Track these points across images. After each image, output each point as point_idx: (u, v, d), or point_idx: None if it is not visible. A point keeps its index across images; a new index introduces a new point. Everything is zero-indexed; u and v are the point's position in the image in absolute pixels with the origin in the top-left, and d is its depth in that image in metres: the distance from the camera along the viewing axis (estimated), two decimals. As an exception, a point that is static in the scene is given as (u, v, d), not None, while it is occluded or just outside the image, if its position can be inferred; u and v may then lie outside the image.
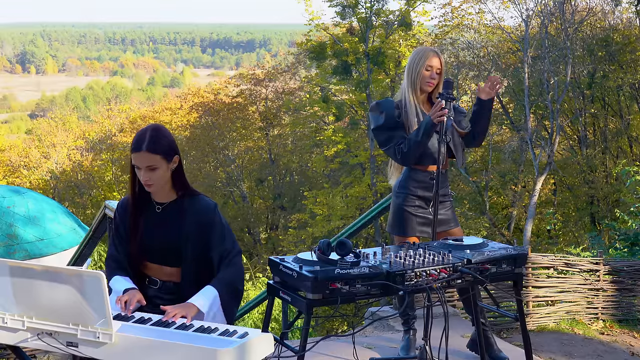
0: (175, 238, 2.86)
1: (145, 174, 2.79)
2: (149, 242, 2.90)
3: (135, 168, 2.83)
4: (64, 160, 30.42)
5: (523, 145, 19.55)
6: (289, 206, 25.83)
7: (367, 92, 21.47)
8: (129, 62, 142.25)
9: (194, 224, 2.86)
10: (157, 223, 2.90)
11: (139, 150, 2.78)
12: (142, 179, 2.81)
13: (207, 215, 2.87)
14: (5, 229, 10.94)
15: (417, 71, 3.73)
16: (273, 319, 9.24)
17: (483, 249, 3.14)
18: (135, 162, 2.80)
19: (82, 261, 6.93)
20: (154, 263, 2.92)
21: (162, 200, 2.91)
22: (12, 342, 2.38)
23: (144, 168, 2.79)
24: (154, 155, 2.78)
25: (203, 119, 27.53)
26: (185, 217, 2.87)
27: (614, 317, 5.99)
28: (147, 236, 2.90)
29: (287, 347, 2.88)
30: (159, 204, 2.92)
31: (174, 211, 2.89)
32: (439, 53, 3.81)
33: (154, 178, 2.80)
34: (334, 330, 12.62)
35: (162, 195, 2.91)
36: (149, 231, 2.90)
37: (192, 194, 2.93)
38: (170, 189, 2.90)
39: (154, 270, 2.93)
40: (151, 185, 2.81)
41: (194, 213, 2.87)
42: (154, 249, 2.90)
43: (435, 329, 3.18)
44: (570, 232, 20.56)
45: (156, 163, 2.78)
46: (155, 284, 2.92)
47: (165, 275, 2.91)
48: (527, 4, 19.48)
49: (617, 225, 9.85)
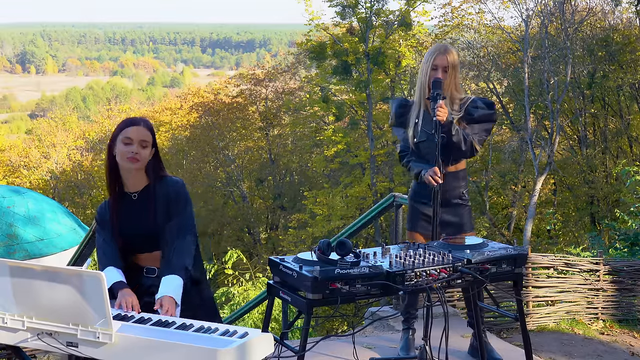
0: (152, 223, 2.93)
1: (137, 148, 2.88)
2: (132, 232, 2.96)
3: (122, 144, 2.89)
4: (64, 160, 30.42)
5: (523, 145, 19.55)
6: (289, 206, 25.84)
7: (367, 92, 21.46)
8: (129, 62, 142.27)
9: (165, 204, 2.95)
10: (135, 212, 2.97)
11: (136, 124, 2.91)
12: (130, 153, 2.87)
13: (174, 190, 2.97)
14: (5, 229, 10.94)
15: (425, 71, 3.74)
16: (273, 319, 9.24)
17: (483, 249, 3.14)
18: (129, 134, 2.88)
19: (82, 261, 6.93)
20: (143, 252, 2.98)
21: (136, 189, 2.99)
22: (12, 342, 2.38)
23: (137, 142, 2.89)
24: (148, 132, 2.92)
25: (203, 119, 27.52)
26: (157, 200, 2.95)
27: (614, 317, 5.99)
28: (128, 227, 2.97)
29: (287, 347, 2.88)
30: (133, 192, 2.99)
31: (148, 197, 2.97)
32: (449, 50, 3.75)
33: (143, 155, 2.90)
34: (334, 330, 12.62)
35: (135, 183, 2.98)
36: (128, 222, 2.97)
37: (161, 177, 3.01)
38: (143, 175, 2.98)
39: (147, 260, 2.99)
40: (138, 161, 2.89)
41: (164, 194, 2.96)
42: (138, 238, 2.96)
43: (435, 329, 3.18)
44: (570, 232, 20.56)
45: (148, 141, 2.91)
46: (152, 272, 2.97)
47: (159, 262, 2.97)
48: (527, 4, 19.50)
49: (617, 225, 9.84)
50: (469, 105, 3.74)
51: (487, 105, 3.78)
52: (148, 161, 2.97)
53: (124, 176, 2.98)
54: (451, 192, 3.78)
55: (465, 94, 3.83)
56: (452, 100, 3.73)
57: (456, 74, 3.73)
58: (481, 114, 3.75)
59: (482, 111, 3.75)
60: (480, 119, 3.75)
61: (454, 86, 3.73)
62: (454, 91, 3.74)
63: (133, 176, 2.97)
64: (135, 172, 2.95)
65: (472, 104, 3.75)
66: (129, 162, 2.90)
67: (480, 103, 3.77)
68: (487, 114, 3.77)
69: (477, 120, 3.75)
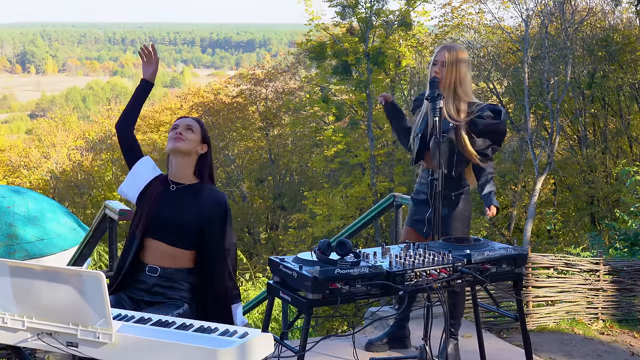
0: (192, 217, 2.92)
1: (182, 129, 2.98)
2: (164, 215, 2.94)
3: (171, 131, 3.00)
4: (64, 160, 30.42)
5: (523, 145, 19.55)
6: (289, 206, 25.84)
7: (367, 92, 21.47)
8: (129, 62, 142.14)
9: (211, 210, 2.95)
10: (173, 200, 2.97)
11: (184, 117, 3.08)
12: (176, 133, 2.96)
13: (222, 199, 3.01)
14: (5, 229, 10.93)
15: (430, 67, 3.77)
16: (273, 319, 9.24)
17: (483, 249, 3.14)
18: (177, 122, 3.02)
19: (82, 261, 6.92)
20: (159, 240, 2.94)
21: (180, 181, 3.00)
22: (12, 342, 2.38)
23: (183, 126, 3.00)
24: (196, 123, 3.03)
25: (203, 119, 27.52)
26: (202, 200, 2.95)
27: (614, 317, 5.99)
28: (161, 208, 2.95)
29: (287, 347, 2.88)
30: (175, 183, 3.00)
31: (190, 193, 2.98)
32: (452, 47, 3.72)
33: (187, 136, 2.97)
34: (334, 330, 12.62)
35: (181, 175, 3.00)
36: (164, 204, 2.96)
37: (210, 180, 3.07)
38: (191, 173, 3.01)
39: (153, 257, 2.94)
40: (182, 139, 2.95)
41: (211, 200, 2.97)
42: (166, 225, 2.93)
43: (435, 329, 3.18)
44: (570, 232, 20.55)
45: (194, 127, 3.01)
46: (155, 271, 2.94)
47: (167, 261, 2.94)
48: (527, 4, 19.50)
49: (617, 225, 9.84)
50: (475, 114, 3.67)
51: (494, 113, 3.68)
52: (198, 158, 3.01)
53: (170, 165, 3.03)
54: (449, 191, 3.76)
55: (475, 100, 3.75)
56: (455, 99, 3.71)
57: (459, 72, 3.67)
58: (486, 124, 3.66)
59: (487, 121, 3.66)
60: (486, 129, 3.66)
61: (459, 85, 3.68)
62: (459, 90, 3.69)
63: (178, 164, 2.99)
64: (179, 158, 2.97)
65: (479, 114, 3.67)
66: (173, 142, 2.96)
67: (488, 111, 3.68)
68: (493, 124, 3.67)
69: (482, 131, 3.67)
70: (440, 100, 3.44)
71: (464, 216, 3.81)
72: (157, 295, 2.93)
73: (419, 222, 3.81)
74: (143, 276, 2.96)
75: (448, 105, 3.68)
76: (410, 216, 3.93)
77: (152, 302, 2.93)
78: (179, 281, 2.94)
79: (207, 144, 3.05)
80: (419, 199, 3.85)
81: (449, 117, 3.66)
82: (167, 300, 2.94)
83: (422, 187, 3.85)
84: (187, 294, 2.96)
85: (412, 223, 3.90)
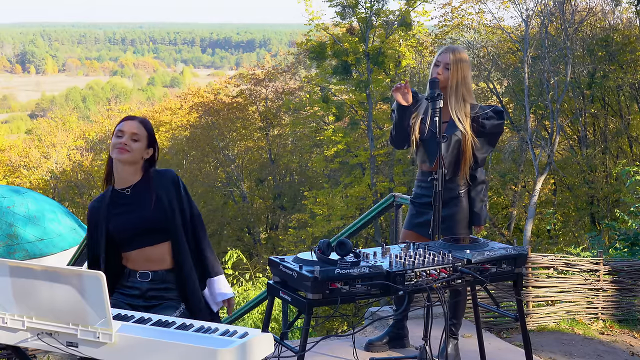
0: (152, 214, 2.92)
1: (127, 139, 2.89)
2: (131, 225, 2.92)
3: (115, 137, 2.91)
4: (64, 160, 30.43)
5: (523, 145, 19.55)
6: (289, 206, 25.85)
7: (367, 92, 21.48)
8: (129, 62, 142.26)
9: (165, 193, 2.96)
10: (133, 205, 2.95)
11: (131, 119, 2.96)
12: (120, 144, 2.88)
13: (171, 177, 3.00)
14: (5, 229, 10.94)
15: (431, 67, 3.78)
16: (273, 319, 9.23)
17: (483, 249, 3.14)
18: (122, 128, 2.91)
19: (82, 261, 6.93)
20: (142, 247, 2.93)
21: (129, 185, 2.97)
22: (12, 342, 2.38)
23: (128, 134, 2.90)
24: (142, 128, 2.94)
25: (203, 119, 27.53)
26: (156, 190, 2.95)
27: (614, 317, 5.99)
28: (125, 221, 2.93)
29: (287, 347, 2.88)
30: (125, 188, 2.97)
31: (144, 188, 2.97)
32: (454, 49, 3.74)
33: (133, 147, 2.90)
34: (334, 330, 12.62)
35: (130, 180, 2.97)
36: (126, 216, 2.94)
37: (153, 171, 3.02)
38: (135, 171, 2.97)
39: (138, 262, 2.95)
40: (127, 152, 2.89)
41: (162, 185, 2.97)
42: (137, 232, 2.92)
43: (435, 329, 3.18)
44: (570, 232, 20.56)
45: (140, 135, 2.92)
46: (146, 276, 2.95)
47: (155, 264, 2.95)
48: (527, 4, 19.51)
49: (617, 225, 9.83)
50: (481, 115, 3.72)
51: (497, 114, 3.77)
52: (144, 161, 2.97)
53: (115, 172, 2.97)
54: (449, 193, 3.76)
55: (474, 101, 3.80)
56: (459, 101, 3.71)
57: (460, 73, 3.69)
58: (492, 125, 3.75)
59: (494, 122, 3.75)
60: (491, 130, 3.76)
61: (463, 87, 3.69)
62: (463, 91, 3.70)
63: (124, 171, 2.95)
64: (125, 166, 2.93)
65: (484, 115, 3.73)
66: (117, 153, 2.89)
67: (491, 112, 3.75)
68: (498, 125, 3.77)
69: (488, 132, 3.76)
70: (440, 100, 3.46)
71: (466, 216, 3.83)
72: (152, 300, 2.95)
73: (423, 225, 3.78)
74: (135, 283, 2.97)
75: (454, 107, 3.69)
76: (411, 220, 3.90)
77: (149, 306, 2.94)
78: (171, 281, 2.96)
79: (153, 147, 3.00)
80: (422, 202, 3.82)
81: (457, 119, 3.67)
82: (163, 301, 2.95)
83: (423, 190, 3.81)
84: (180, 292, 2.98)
85: (412, 226, 3.87)
